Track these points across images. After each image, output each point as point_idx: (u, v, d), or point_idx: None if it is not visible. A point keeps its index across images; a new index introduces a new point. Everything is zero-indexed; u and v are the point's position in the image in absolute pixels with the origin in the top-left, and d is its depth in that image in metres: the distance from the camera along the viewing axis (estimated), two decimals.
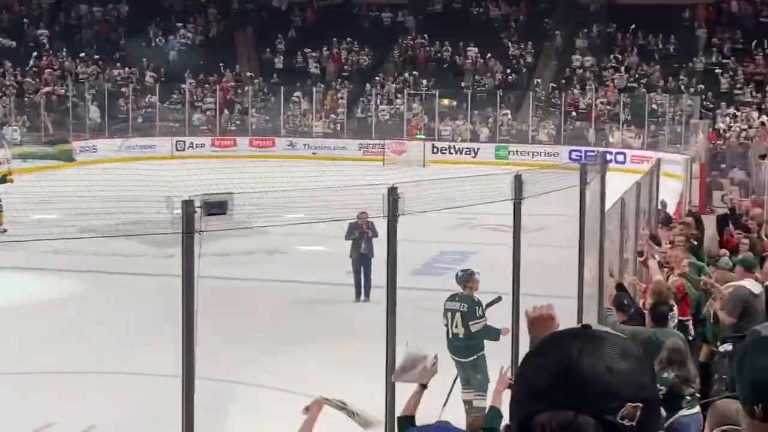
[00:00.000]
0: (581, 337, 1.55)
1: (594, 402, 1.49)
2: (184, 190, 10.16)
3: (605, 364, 1.51)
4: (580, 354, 1.52)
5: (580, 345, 1.53)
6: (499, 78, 45.35)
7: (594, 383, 1.49)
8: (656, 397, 1.56)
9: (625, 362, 1.52)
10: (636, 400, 1.50)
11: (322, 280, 16.84)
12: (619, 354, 1.52)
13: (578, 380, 1.50)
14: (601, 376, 1.50)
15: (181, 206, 5.04)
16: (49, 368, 11.71)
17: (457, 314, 10.42)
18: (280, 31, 48.95)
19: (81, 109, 40.74)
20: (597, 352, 1.52)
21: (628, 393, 1.50)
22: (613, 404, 1.49)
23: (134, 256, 18.52)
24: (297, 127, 44.10)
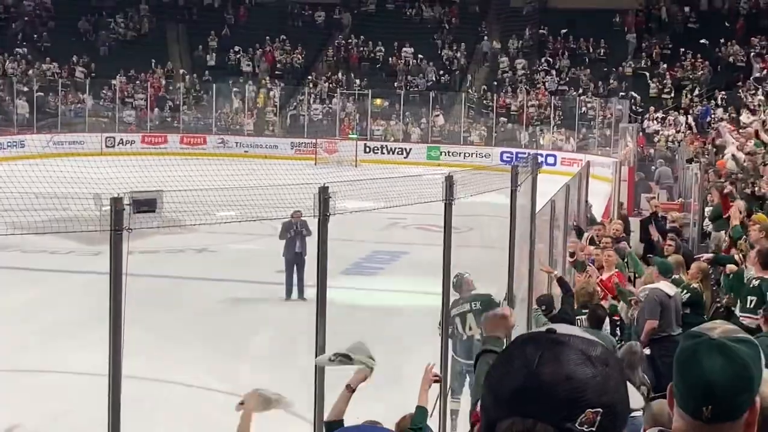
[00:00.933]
0: (543, 342, 1.55)
1: (554, 409, 1.49)
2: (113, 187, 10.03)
3: (566, 371, 1.51)
4: (540, 361, 1.51)
5: (541, 351, 1.53)
6: (432, 79, 45.57)
7: (554, 391, 1.50)
8: (622, 401, 1.55)
9: (587, 368, 1.52)
10: (598, 406, 1.50)
11: (252, 279, 16.77)
12: (581, 360, 1.52)
13: (539, 388, 1.50)
14: (561, 384, 1.50)
15: (109, 203, 4.98)
16: None
17: (469, 315, 9.76)
18: (213, 28, 48.58)
19: (8, 104, 40.02)
20: (558, 359, 1.51)
21: (589, 399, 1.50)
22: (574, 411, 1.49)
23: (61, 253, 18.27)
24: (229, 125, 43.82)
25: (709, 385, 1.87)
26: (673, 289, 9.37)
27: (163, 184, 12.96)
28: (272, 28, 48.31)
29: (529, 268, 9.31)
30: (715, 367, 1.87)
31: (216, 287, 16.40)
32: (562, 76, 44.85)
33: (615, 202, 21.68)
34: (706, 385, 1.87)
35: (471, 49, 47.65)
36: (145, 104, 43.60)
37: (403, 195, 8.63)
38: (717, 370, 1.87)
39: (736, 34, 43.52)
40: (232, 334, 13.46)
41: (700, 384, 1.88)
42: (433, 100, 42.94)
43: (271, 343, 13.12)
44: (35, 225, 15.86)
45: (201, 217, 10.59)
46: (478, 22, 49.18)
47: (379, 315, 14.80)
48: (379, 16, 50.00)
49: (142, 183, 13.93)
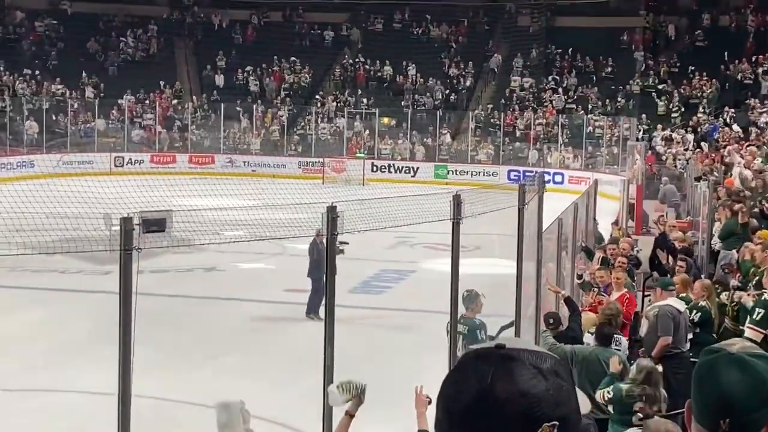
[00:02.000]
0: (495, 359, 1.56)
1: (509, 426, 1.51)
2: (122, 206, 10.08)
3: (519, 387, 1.52)
4: (494, 378, 1.53)
5: (494, 368, 1.54)
6: (439, 98, 45.68)
7: (508, 408, 1.51)
8: (575, 410, 1.57)
9: (540, 382, 1.53)
10: (553, 419, 1.52)
11: (261, 298, 16.79)
12: (533, 375, 1.54)
13: (493, 405, 1.51)
14: (515, 400, 1.51)
15: (119, 223, 5.03)
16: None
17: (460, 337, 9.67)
18: (221, 49, 48.83)
19: (18, 124, 40.20)
20: (511, 376, 1.53)
21: (544, 413, 1.52)
22: (530, 426, 1.51)
23: (72, 273, 18.32)
24: (236, 145, 43.95)
25: (727, 399, 1.89)
26: (682, 304, 9.37)
27: (172, 203, 13.03)
28: (280, 48, 48.53)
29: (536, 287, 9.32)
30: (732, 381, 1.90)
31: (225, 306, 16.42)
32: (570, 94, 44.91)
33: (623, 220, 21.68)
34: (723, 398, 1.90)
35: (478, 68, 47.77)
36: (154, 124, 43.75)
37: (410, 214, 8.65)
38: (735, 384, 1.89)
39: (745, 52, 43.57)
40: (242, 353, 13.48)
41: (718, 398, 1.90)
42: (440, 118, 43.01)
43: (280, 362, 13.13)
44: (45, 245, 15.96)
45: (210, 237, 10.65)
46: (485, 40, 49.34)
47: (387, 333, 14.82)
48: (386, 35, 50.22)
49: (151, 202, 13.99)
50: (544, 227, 9.73)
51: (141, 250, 5.04)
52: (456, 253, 7.36)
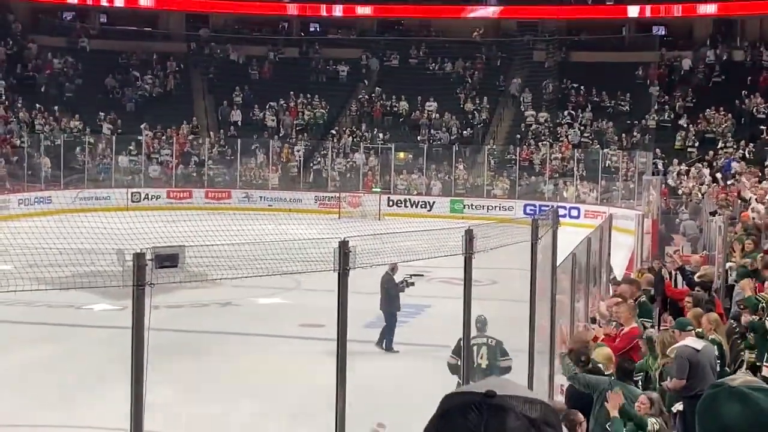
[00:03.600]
0: (486, 409, 1.54)
1: None
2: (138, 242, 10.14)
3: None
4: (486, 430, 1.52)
5: (485, 419, 1.53)
6: (455, 132, 45.79)
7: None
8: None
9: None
10: None
11: (276, 333, 16.77)
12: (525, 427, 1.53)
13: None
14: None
15: (132, 259, 5.06)
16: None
17: (484, 347, 11.12)
18: (238, 84, 49.15)
19: (36, 160, 40.48)
20: (502, 427, 1.52)
21: None
22: None
23: (87, 308, 18.37)
24: (253, 180, 44.11)
25: (727, 431, 1.90)
26: (700, 342, 9.20)
27: (188, 238, 13.08)
28: (296, 83, 48.83)
29: (550, 322, 9.30)
30: (732, 413, 1.91)
31: (240, 341, 16.41)
32: (585, 128, 44.95)
33: (638, 254, 21.62)
34: (723, 430, 1.90)
35: (494, 103, 47.92)
36: (171, 159, 43.98)
37: (425, 248, 8.67)
38: (735, 417, 1.91)
39: (759, 86, 43.58)
40: (257, 388, 13.46)
41: (718, 430, 1.92)
42: (456, 153, 43.09)
43: (295, 397, 13.11)
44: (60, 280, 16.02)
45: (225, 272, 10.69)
46: (500, 76, 49.51)
47: (404, 367, 14.78)
48: (402, 71, 50.47)
49: (167, 238, 14.05)
50: (559, 261, 9.72)
51: (154, 286, 5.07)
52: (468, 287, 7.37)
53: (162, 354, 6.34)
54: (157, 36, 52.81)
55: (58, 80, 47.88)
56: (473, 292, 7.62)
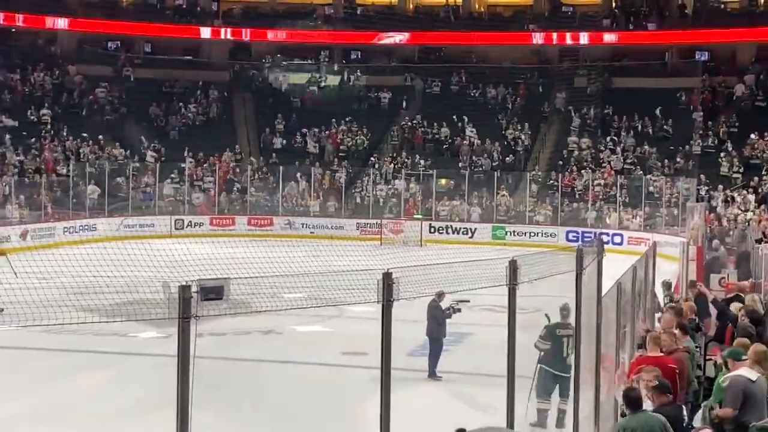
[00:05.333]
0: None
1: None
2: (182, 270, 10.23)
3: None
4: None
5: None
6: (497, 159, 45.71)
7: None
8: None
9: None
10: None
11: (318, 361, 16.77)
12: None
13: None
14: None
15: (177, 291, 5.09)
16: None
17: (570, 339, 11.75)
18: (280, 112, 49.49)
19: (81, 188, 40.95)
20: None
21: None
22: None
23: (133, 335, 18.49)
24: (295, 207, 44.28)
25: None
26: (754, 374, 9.01)
27: (231, 266, 13.14)
28: (337, 110, 49.08)
29: (595, 352, 9.21)
30: None
31: (283, 369, 16.43)
32: (628, 154, 44.70)
33: (683, 282, 21.39)
34: None
35: (535, 129, 47.83)
36: (214, 187, 44.30)
37: (467, 278, 8.63)
38: None
39: None
40: (300, 416, 13.46)
41: None
42: (497, 179, 43.00)
43: (337, 425, 13.09)
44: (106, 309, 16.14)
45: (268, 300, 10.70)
46: (542, 101, 49.44)
47: (447, 396, 14.71)
48: (443, 97, 50.58)
49: (210, 266, 14.11)
50: (604, 290, 9.64)
51: (199, 318, 5.09)
52: (513, 319, 7.33)
53: (206, 382, 6.36)
54: (200, 64, 53.39)
55: (103, 109, 48.47)
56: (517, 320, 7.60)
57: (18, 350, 17.20)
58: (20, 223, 35.87)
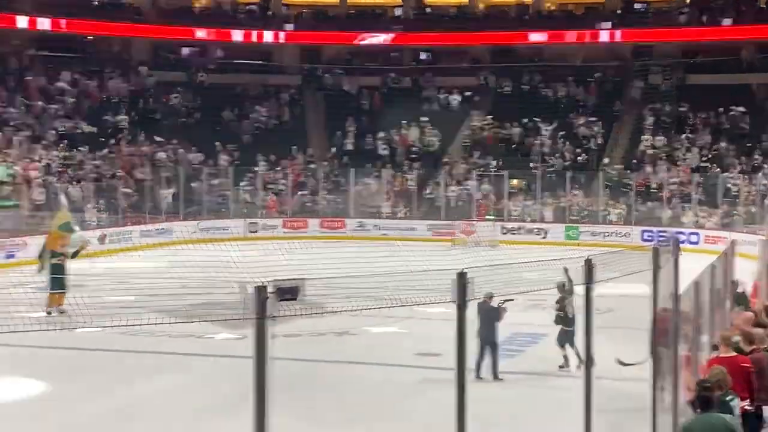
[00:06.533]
0: None
1: None
2: (256, 272, 10.31)
3: None
4: None
5: None
6: (569, 158, 45.32)
7: None
8: None
9: None
10: None
11: (392, 362, 16.78)
12: None
13: None
14: None
15: (254, 291, 5.13)
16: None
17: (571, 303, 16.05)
18: (351, 114, 49.70)
19: (157, 192, 41.55)
20: None
21: None
22: None
23: (208, 337, 18.70)
24: (366, 209, 44.39)
25: None
26: None
27: (305, 268, 13.21)
28: (408, 112, 49.10)
29: (673, 354, 9.07)
30: None
31: (357, 370, 16.46)
32: (704, 152, 43.99)
33: (765, 280, 20.95)
34: None
35: (608, 127, 47.32)
36: (286, 190, 44.62)
37: (542, 278, 8.59)
38: None
39: None
40: (374, 418, 13.49)
41: None
42: (570, 179, 42.61)
43: (411, 427, 13.08)
44: (182, 310, 16.36)
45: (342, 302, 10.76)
46: (615, 99, 48.92)
47: (520, 397, 14.63)
48: (514, 97, 50.33)
49: (284, 268, 14.20)
50: (680, 291, 9.49)
51: (275, 318, 5.13)
52: (589, 319, 7.26)
53: (281, 383, 6.40)
54: (272, 69, 53.87)
55: (177, 114, 49.17)
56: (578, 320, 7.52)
57: (98, 352, 17.51)
58: (98, 227, 36.50)
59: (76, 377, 15.83)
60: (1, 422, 12.91)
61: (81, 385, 15.30)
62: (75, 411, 13.59)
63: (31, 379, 15.30)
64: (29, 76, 46.49)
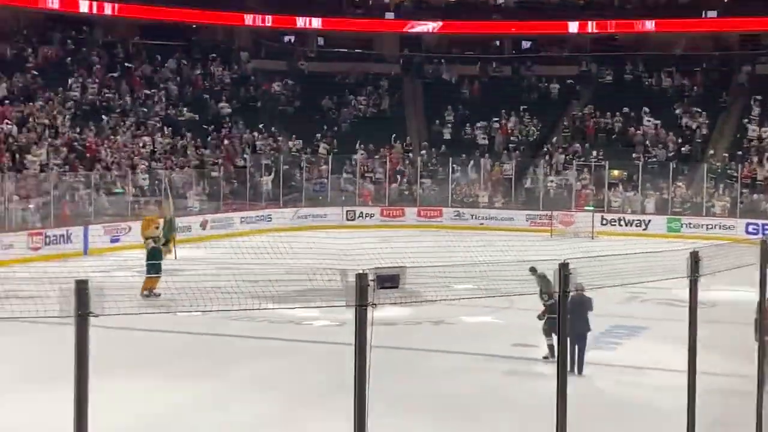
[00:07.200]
0: None
1: None
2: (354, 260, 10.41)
3: None
4: None
5: None
6: (672, 149, 44.48)
7: None
8: None
9: None
10: None
11: (488, 352, 16.71)
12: None
13: None
14: None
15: (354, 279, 5.15)
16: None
17: None
18: (450, 103, 49.59)
19: (257, 180, 42.11)
20: None
21: None
22: None
23: (307, 323, 18.89)
24: (464, 198, 44.26)
25: None
26: None
27: (402, 257, 13.25)
28: (507, 101, 48.80)
29: None
30: None
31: (452, 360, 16.44)
32: None
33: None
34: None
35: (713, 118, 46.29)
36: (384, 178, 44.75)
37: (643, 270, 8.43)
38: None
39: None
40: (468, 407, 13.46)
41: None
42: (673, 170, 41.81)
43: (509, 417, 13.02)
44: (282, 296, 16.56)
45: (439, 291, 10.76)
46: (720, 89, 47.83)
47: (618, 390, 14.44)
48: (616, 86, 49.60)
49: (381, 256, 14.28)
50: None
51: (376, 306, 5.15)
52: (694, 313, 7.11)
53: (378, 371, 6.42)
54: (372, 57, 54.06)
55: (278, 102, 49.72)
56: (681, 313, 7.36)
57: (199, 336, 17.84)
58: (200, 213, 37.17)
59: (174, 361, 16.13)
60: (105, 403, 13.24)
61: (178, 368, 15.58)
62: (169, 394, 13.83)
63: (131, 362, 15.64)
64: (135, 65, 47.49)
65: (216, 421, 12.46)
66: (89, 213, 33.01)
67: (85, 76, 44.11)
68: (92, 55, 46.20)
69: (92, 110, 41.86)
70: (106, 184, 35.32)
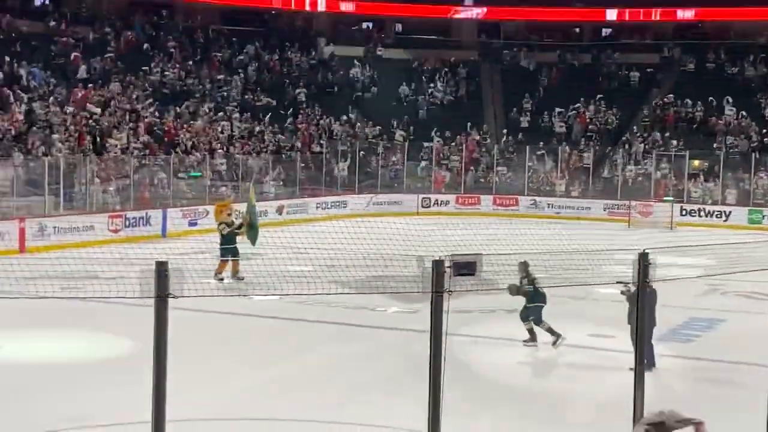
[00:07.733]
0: None
1: None
2: (430, 247, 10.39)
3: None
4: None
5: None
6: (755, 140, 43.59)
7: None
8: None
9: None
10: None
11: (564, 342, 16.55)
12: None
13: None
14: None
15: (430, 265, 5.14)
16: (282, 416, 12.00)
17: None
18: (527, 91, 49.21)
19: (333, 165, 42.28)
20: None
21: None
22: None
23: (380, 310, 18.93)
24: (541, 186, 43.93)
25: None
26: None
27: (478, 245, 13.18)
28: (586, 89, 48.28)
29: None
30: None
31: (526, 350, 16.31)
32: None
33: None
34: None
35: None
36: (460, 166, 44.61)
37: (724, 262, 8.30)
38: None
39: None
40: (543, 396, 13.38)
41: None
42: (755, 161, 40.97)
43: (583, 409, 12.91)
44: (357, 282, 16.63)
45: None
46: None
47: (696, 385, 14.21)
48: (698, 75, 48.75)
49: (457, 245, 14.22)
50: None
51: (452, 293, 5.13)
52: None
53: (453, 359, 6.41)
54: (449, 44, 53.87)
55: (354, 88, 49.83)
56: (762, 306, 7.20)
57: (274, 319, 17.99)
58: (276, 198, 37.46)
59: (250, 344, 16.30)
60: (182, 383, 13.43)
61: (254, 352, 15.73)
62: (245, 377, 13.96)
63: (207, 344, 15.84)
64: (213, 50, 47.97)
65: (289, 403, 12.54)
66: (168, 196, 33.49)
67: (165, 61, 44.69)
68: (172, 40, 46.78)
69: (172, 95, 42.41)
70: (185, 168, 35.77)
